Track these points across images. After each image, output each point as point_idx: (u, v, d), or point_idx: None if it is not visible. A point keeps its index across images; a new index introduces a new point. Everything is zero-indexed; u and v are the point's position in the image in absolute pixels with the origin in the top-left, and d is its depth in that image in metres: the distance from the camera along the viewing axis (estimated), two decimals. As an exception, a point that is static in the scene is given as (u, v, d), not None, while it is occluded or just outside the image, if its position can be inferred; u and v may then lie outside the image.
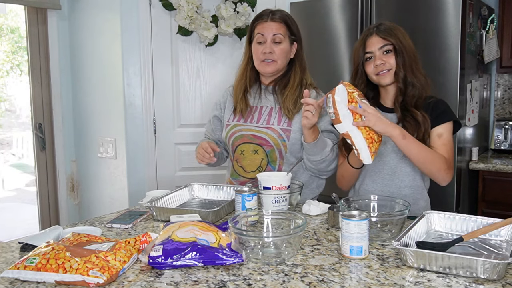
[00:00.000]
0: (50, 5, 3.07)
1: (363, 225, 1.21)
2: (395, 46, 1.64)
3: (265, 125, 1.90)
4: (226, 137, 1.96)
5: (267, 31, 1.87)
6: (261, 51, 1.87)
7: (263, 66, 1.90)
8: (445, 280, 1.08)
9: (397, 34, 1.65)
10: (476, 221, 1.38)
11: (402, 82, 1.66)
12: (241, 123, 1.94)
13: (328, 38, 2.80)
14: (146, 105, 3.01)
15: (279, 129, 1.88)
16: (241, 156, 1.92)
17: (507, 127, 2.99)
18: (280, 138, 1.88)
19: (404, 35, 1.67)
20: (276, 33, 1.87)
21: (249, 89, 1.96)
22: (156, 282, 1.09)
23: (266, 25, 1.88)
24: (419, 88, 1.67)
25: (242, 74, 1.97)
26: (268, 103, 1.95)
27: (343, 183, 1.82)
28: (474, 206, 2.80)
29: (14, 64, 6.98)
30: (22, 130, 7.25)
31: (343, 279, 1.10)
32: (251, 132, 1.91)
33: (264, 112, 1.93)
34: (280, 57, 1.89)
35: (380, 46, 1.65)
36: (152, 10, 2.95)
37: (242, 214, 1.38)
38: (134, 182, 3.03)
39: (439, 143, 1.65)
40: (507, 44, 2.94)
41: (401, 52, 1.64)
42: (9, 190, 6.42)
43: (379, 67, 1.65)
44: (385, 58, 1.65)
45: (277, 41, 1.87)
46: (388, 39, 1.64)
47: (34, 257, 1.11)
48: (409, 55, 1.65)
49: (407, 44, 1.66)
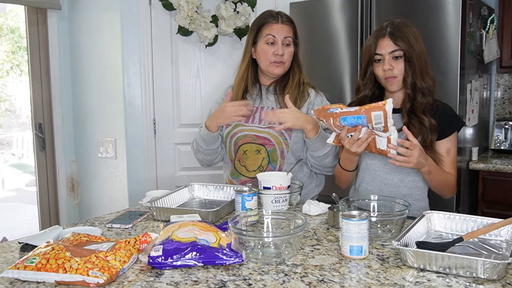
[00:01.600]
0: (50, 5, 3.07)
1: (363, 225, 1.22)
2: (405, 53, 1.62)
3: (267, 125, 1.90)
4: (228, 137, 1.95)
5: (279, 33, 1.88)
6: (272, 52, 1.87)
7: (272, 68, 1.90)
8: (445, 280, 1.08)
9: (409, 38, 1.63)
10: (476, 221, 1.38)
11: (410, 89, 1.66)
12: (243, 123, 1.93)
13: (328, 38, 2.80)
14: (146, 105, 3.01)
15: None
16: (243, 156, 1.92)
17: (507, 127, 2.99)
18: (282, 137, 1.88)
19: (417, 37, 1.65)
20: (287, 35, 1.89)
21: (249, 90, 1.96)
22: (156, 282, 1.09)
23: (277, 26, 1.89)
24: (428, 95, 1.66)
25: (242, 75, 1.96)
26: (269, 103, 1.95)
27: (341, 183, 1.83)
28: (474, 206, 2.80)
29: (14, 64, 6.98)
30: (22, 130, 7.26)
31: (343, 279, 1.10)
32: (254, 133, 1.91)
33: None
34: (288, 59, 1.91)
35: (390, 50, 1.64)
36: (152, 10, 2.95)
37: (242, 214, 1.38)
38: (134, 182, 3.03)
39: (449, 161, 1.68)
40: (507, 44, 2.94)
41: (411, 58, 1.62)
42: (9, 190, 6.43)
43: (387, 72, 1.65)
44: (394, 63, 1.64)
45: (287, 44, 1.89)
46: (399, 45, 1.62)
47: (34, 257, 1.11)
48: (419, 61, 1.63)
49: (418, 49, 1.64)
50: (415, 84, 1.65)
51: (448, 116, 1.69)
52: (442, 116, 1.67)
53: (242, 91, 1.95)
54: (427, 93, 1.66)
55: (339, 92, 2.80)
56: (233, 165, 1.96)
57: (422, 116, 1.65)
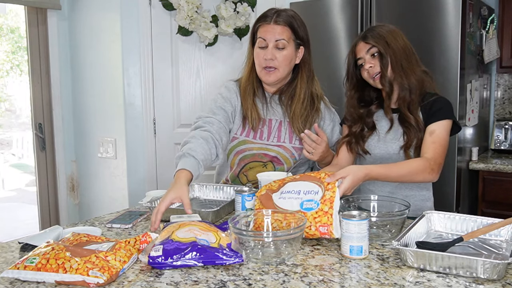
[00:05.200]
0: (50, 5, 3.07)
1: (363, 225, 1.22)
2: (379, 49, 1.62)
3: (276, 143, 1.82)
4: (232, 151, 1.85)
5: (270, 35, 1.73)
6: (262, 56, 1.74)
7: (264, 75, 1.78)
8: (445, 280, 1.08)
9: (383, 34, 1.63)
10: (476, 221, 1.38)
11: (388, 86, 1.64)
12: (251, 139, 1.82)
13: (328, 38, 2.80)
14: (146, 105, 3.01)
15: (291, 148, 1.83)
16: (250, 170, 1.86)
17: (507, 127, 2.99)
18: (292, 158, 1.83)
19: (393, 33, 1.64)
20: (279, 38, 1.72)
21: (257, 94, 1.84)
22: (156, 282, 1.09)
23: (268, 28, 1.73)
24: (412, 92, 1.63)
25: (247, 79, 1.84)
26: (277, 115, 1.85)
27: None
28: (474, 206, 2.80)
29: (14, 64, 6.98)
30: (22, 130, 7.26)
31: (343, 279, 1.10)
32: (263, 151, 1.82)
33: (274, 126, 1.85)
34: (282, 64, 1.75)
35: (366, 50, 1.65)
36: (152, 10, 2.95)
37: (242, 214, 1.38)
38: (134, 182, 3.03)
39: (429, 141, 1.60)
40: (507, 44, 2.94)
41: (385, 54, 1.61)
42: (9, 190, 6.43)
43: (369, 70, 1.65)
44: (373, 61, 1.65)
45: (280, 47, 1.73)
46: (370, 43, 1.64)
47: (34, 257, 1.11)
48: (397, 56, 1.62)
49: (396, 45, 1.62)
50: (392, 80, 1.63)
51: (438, 105, 1.63)
52: (432, 106, 1.64)
53: (252, 97, 1.82)
54: (408, 89, 1.63)
55: (339, 92, 2.79)
56: (237, 175, 1.90)
57: (406, 114, 1.64)
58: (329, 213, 1.30)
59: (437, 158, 1.58)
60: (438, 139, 1.60)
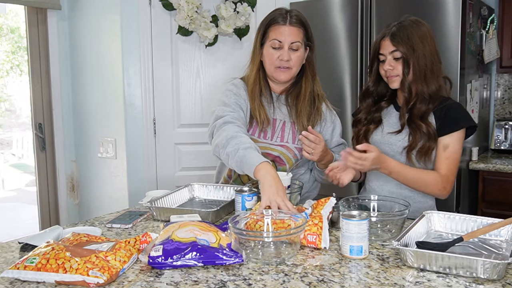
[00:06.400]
0: (50, 5, 3.07)
1: (363, 225, 1.22)
2: (403, 55, 1.60)
3: (279, 142, 1.83)
4: None
5: (285, 37, 1.73)
6: (277, 57, 1.74)
7: (277, 73, 1.78)
8: (445, 280, 1.08)
9: (412, 39, 1.59)
10: (476, 221, 1.39)
11: (407, 92, 1.63)
12: (255, 137, 1.82)
13: (328, 38, 2.80)
14: (146, 105, 3.01)
15: (294, 148, 1.83)
16: None
17: (507, 127, 2.99)
18: (294, 158, 1.84)
19: (423, 38, 1.60)
20: (294, 40, 1.73)
21: (264, 93, 1.84)
22: (156, 282, 1.09)
23: (284, 30, 1.73)
24: (429, 101, 1.62)
25: (254, 79, 1.82)
26: (281, 116, 1.86)
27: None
28: (474, 206, 2.80)
29: (14, 64, 6.98)
30: (22, 130, 7.25)
31: (343, 279, 1.10)
32: (266, 150, 1.81)
33: (278, 126, 1.85)
34: (296, 64, 1.78)
35: (390, 51, 1.63)
36: (152, 10, 2.95)
37: (242, 214, 1.38)
38: (134, 182, 3.03)
39: (443, 156, 1.62)
40: (507, 44, 2.94)
41: (409, 61, 1.59)
42: (9, 190, 6.43)
43: (388, 71, 1.65)
44: (393, 64, 1.63)
45: (294, 48, 1.75)
46: (397, 47, 1.60)
47: (34, 257, 1.11)
48: (421, 64, 1.59)
49: (422, 51, 1.59)
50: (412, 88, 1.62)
51: (452, 114, 1.63)
52: (446, 114, 1.63)
53: (259, 96, 1.82)
54: (427, 99, 1.62)
55: (339, 92, 2.80)
56: (239, 175, 1.90)
57: (419, 123, 1.62)
58: (319, 225, 1.32)
59: (449, 176, 1.62)
60: (451, 154, 1.62)
